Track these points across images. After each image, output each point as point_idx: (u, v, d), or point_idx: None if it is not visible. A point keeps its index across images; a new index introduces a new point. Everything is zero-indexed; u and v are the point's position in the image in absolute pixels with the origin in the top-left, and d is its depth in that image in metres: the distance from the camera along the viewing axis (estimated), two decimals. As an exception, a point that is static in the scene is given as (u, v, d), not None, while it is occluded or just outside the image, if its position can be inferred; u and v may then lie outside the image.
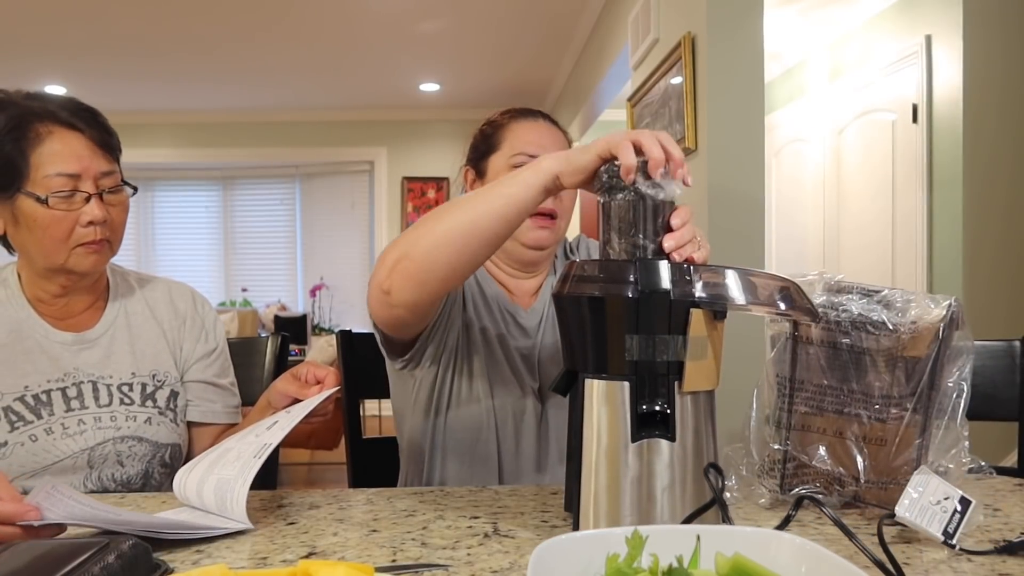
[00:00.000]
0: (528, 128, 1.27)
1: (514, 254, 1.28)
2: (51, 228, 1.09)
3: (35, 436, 1.11)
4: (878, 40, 3.98)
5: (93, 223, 1.10)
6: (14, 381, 1.13)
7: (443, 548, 0.82)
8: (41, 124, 1.09)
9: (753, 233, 2.43)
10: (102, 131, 1.14)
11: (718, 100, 2.45)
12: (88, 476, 1.15)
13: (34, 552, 0.70)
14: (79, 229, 1.10)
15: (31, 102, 1.11)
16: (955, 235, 3.31)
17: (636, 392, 0.78)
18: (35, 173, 1.08)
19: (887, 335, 0.91)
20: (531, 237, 1.24)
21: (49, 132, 1.09)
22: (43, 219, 1.09)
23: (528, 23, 4.59)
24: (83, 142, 1.11)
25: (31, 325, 1.16)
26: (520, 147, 1.25)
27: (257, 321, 6.50)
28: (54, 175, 1.08)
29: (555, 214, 1.24)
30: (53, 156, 1.08)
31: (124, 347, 1.21)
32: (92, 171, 1.11)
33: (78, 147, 1.10)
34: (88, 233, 1.11)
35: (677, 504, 0.79)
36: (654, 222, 0.80)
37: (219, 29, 4.68)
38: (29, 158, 1.08)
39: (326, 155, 6.92)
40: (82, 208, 1.10)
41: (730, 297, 0.78)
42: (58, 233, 1.10)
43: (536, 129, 1.28)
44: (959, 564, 0.77)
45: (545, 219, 1.23)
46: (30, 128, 1.09)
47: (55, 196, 1.08)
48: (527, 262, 1.29)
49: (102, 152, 1.13)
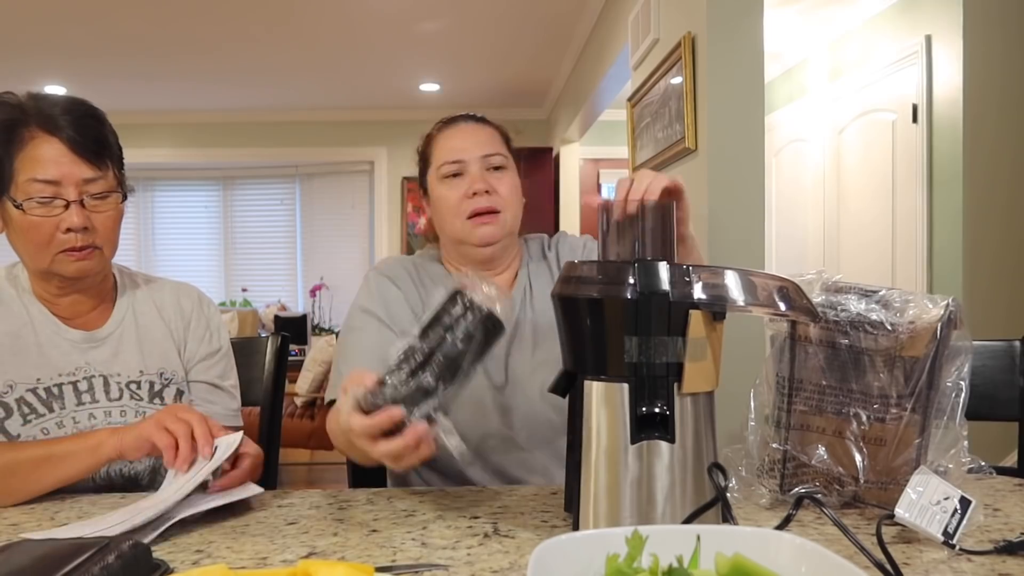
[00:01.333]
0: (449, 136, 1.29)
1: (469, 255, 1.28)
2: (30, 233, 1.10)
3: (47, 430, 1.13)
4: (878, 40, 3.98)
5: (72, 230, 1.10)
6: (27, 373, 1.14)
7: (443, 548, 0.83)
8: (27, 129, 1.09)
9: (753, 233, 2.43)
10: (91, 137, 1.12)
11: (718, 100, 2.45)
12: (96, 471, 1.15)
13: (34, 552, 0.70)
14: (59, 235, 1.10)
15: (29, 102, 1.12)
16: (955, 235, 3.31)
17: (635, 394, 0.78)
18: (18, 177, 1.09)
19: (885, 335, 0.91)
20: (476, 236, 1.24)
21: (32, 137, 1.09)
22: (21, 224, 1.10)
23: (528, 23, 4.59)
24: (63, 149, 1.09)
25: (42, 321, 1.18)
26: (443, 157, 1.26)
27: (257, 321, 6.50)
28: (32, 180, 1.08)
29: (494, 209, 1.24)
30: (33, 162, 1.09)
31: (132, 346, 1.23)
32: (73, 177, 1.10)
33: (57, 154, 1.09)
34: (68, 239, 1.11)
35: (677, 505, 0.79)
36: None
37: (219, 29, 4.68)
38: (14, 162, 1.09)
39: (326, 155, 6.92)
40: (62, 214, 1.10)
41: (729, 298, 0.78)
42: (38, 238, 1.10)
43: (458, 135, 1.28)
44: (959, 564, 0.77)
45: (484, 216, 1.23)
46: (16, 132, 1.09)
47: (32, 202, 1.08)
48: (483, 260, 1.29)
49: (85, 159, 1.11)
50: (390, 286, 1.27)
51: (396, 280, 1.28)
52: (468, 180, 1.24)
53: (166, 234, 7.24)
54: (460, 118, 1.32)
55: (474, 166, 1.24)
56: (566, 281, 0.84)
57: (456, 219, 1.24)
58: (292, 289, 7.20)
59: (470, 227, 1.24)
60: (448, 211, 1.25)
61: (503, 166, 1.27)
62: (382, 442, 0.81)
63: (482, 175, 1.24)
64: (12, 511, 1.01)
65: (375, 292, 1.26)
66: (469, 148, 1.25)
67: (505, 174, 1.27)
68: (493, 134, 1.30)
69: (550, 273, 1.35)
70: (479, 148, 1.26)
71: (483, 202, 1.23)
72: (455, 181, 1.25)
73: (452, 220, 1.25)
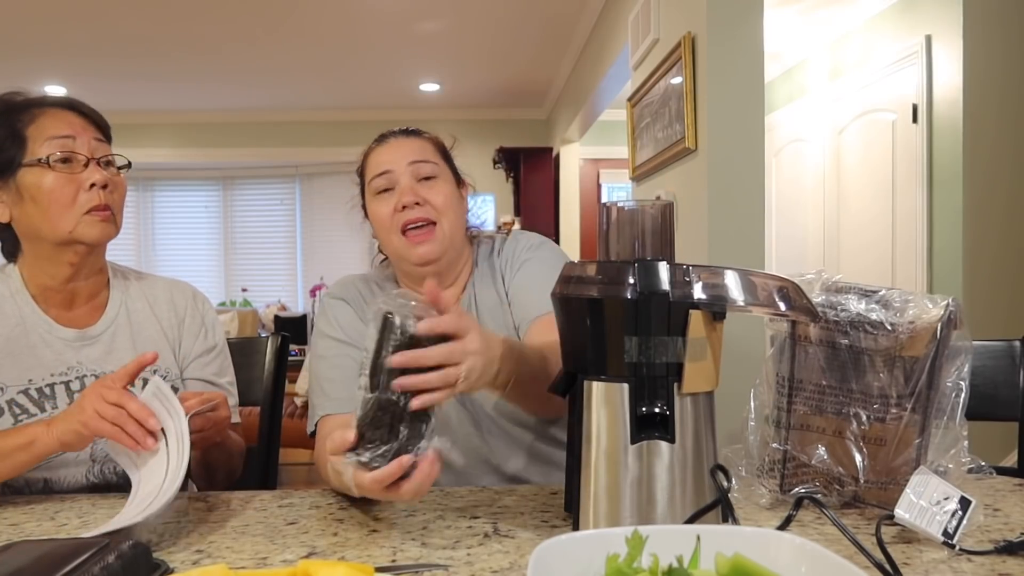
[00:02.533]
0: (377, 152, 1.26)
1: (412, 274, 1.25)
2: (55, 193, 1.12)
3: None
4: (878, 40, 3.98)
5: (95, 185, 1.14)
6: (18, 374, 1.14)
7: (443, 548, 0.83)
8: (38, 108, 1.16)
9: (753, 233, 2.43)
10: (94, 114, 1.20)
11: (718, 100, 2.45)
12: (91, 470, 1.16)
13: (34, 552, 0.70)
14: (83, 194, 1.14)
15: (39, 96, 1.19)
16: (955, 235, 3.31)
17: (635, 394, 0.78)
18: (32, 144, 1.14)
19: (885, 335, 0.91)
20: (415, 255, 1.20)
21: (42, 111, 1.16)
22: (47, 185, 1.12)
23: (528, 23, 4.59)
24: (74, 115, 1.17)
25: (34, 321, 1.18)
26: (372, 171, 1.24)
27: (257, 321, 6.50)
28: (50, 139, 1.13)
29: (427, 220, 1.20)
30: (47, 126, 1.15)
31: (126, 344, 1.22)
32: (86, 135, 1.16)
33: (70, 117, 1.16)
34: (92, 197, 1.14)
35: (677, 505, 0.79)
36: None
37: (219, 30, 4.68)
38: (25, 134, 1.14)
39: (326, 155, 6.92)
40: (82, 172, 1.14)
41: (729, 298, 0.78)
42: (63, 198, 1.13)
43: (386, 149, 1.25)
44: (959, 564, 0.77)
45: (419, 232, 1.19)
46: (24, 111, 1.15)
47: (55, 157, 1.13)
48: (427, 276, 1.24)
49: (93, 127, 1.18)
50: (343, 306, 1.25)
51: (347, 300, 1.26)
52: (398, 193, 1.20)
53: (166, 234, 7.23)
54: (391, 133, 1.29)
55: (404, 178, 1.21)
56: (566, 281, 0.84)
57: (391, 235, 1.21)
58: (292, 289, 7.20)
59: (407, 245, 1.20)
60: (381, 227, 1.22)
61: (434, 175, 1.23)
62: (403, 487, 0.80)
63: (412, 187, 1.20)
64: (12, 511, 1.01)
65: (329, 315, 1.25)
66: (396, 160, 1.22)
67: (436, 183, 1.23)
68: (424, 144, 1.27)
69: (492, 278, 1.29)
70: (406, 158, 1.22)
71: (414, 214, 1.19)
72: (386, 196, 1.21)
73: (388, 236, 1.22)
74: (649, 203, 0.83)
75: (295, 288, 7.20)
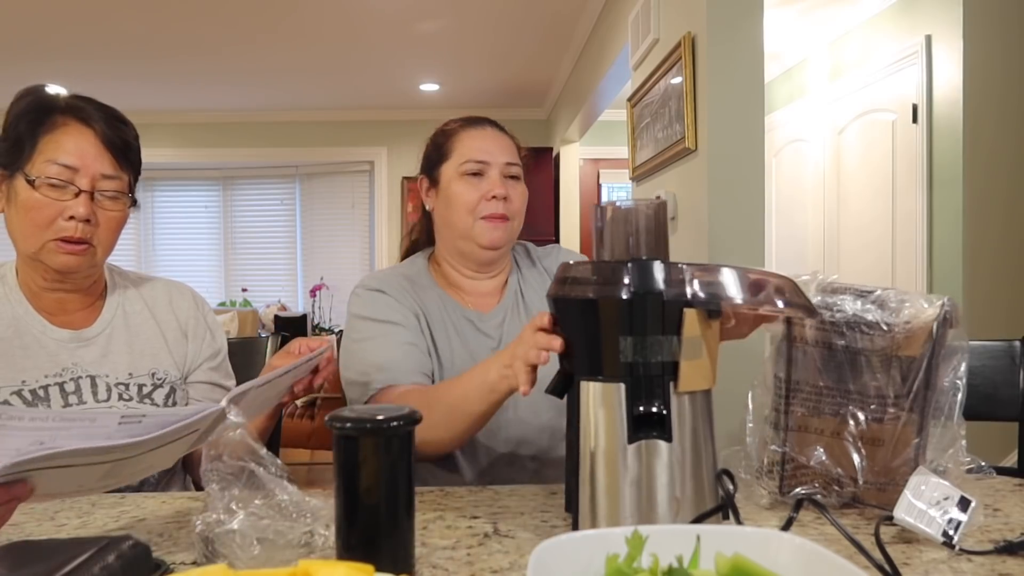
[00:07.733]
0: (475, 136, 1.31)
1: (472, 256, 1.31)
2: (32, 212, 1.10)
3: None
4: (878, 40, 3.98)
5: (75, 219, 1.10)
6: (12, 375, 1.12)
7: (443, 548, 0.83)
8: (60, 115, 1.13)
9: (753, 233, 2.43)
10: (120, 137, 1.16)
11: (718, 100, 2.45)
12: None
13: (34, 552, 0.70)
14: (60, 221, 1.11)
15: (65, 96, 1.15)
16: (955, 235, 3.31)
17: (632, 394, 0.78)
18: (37, 156, 1.11)
19: (881, 335, 0.91)
20: (487, 239, 1.27)
21: (64, 123, 1.12)
22: (27, 201, 1.10)
23: (528, 23, 4.59)
24: (92, 140, 1.13)
25: (29, 321, 1.16)
26: (468, 155, 1.29)
27: (257, 321, 6.50)
28: (51, 162, 1.10)
29: (506, 216, 1.28)
30: (57, 145, 1.11)
31: (122, 346, 1.21)
32: (92, 170, 1.12)
33: (85, 144, 1.12)
34: (67, 228, 1.11)
35: (677, 505, 0.79)
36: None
37: (219, 30, 4.68)
38: (38, 142, 1.11)
39: (326, 155, 6.93)
40: (69, 200, 1.11)
41: (724, 296, 0.78)
42: (39, 219, 1.10)
43: (483, 136, 1.31)
44: (959, 564, 0.77)
45: (498, 220, 1.28)
46: (49, 116, 1.12)
47: (45, 182, 1.10)
48: (485, 263, 1.32)
49: (111, 155, 1.14)
50: (382, 295, 1.29)
51: (385, 290, 1.29)
52: (488, 183, 1.27)
53: (166, 234, 7.24)
54: (484, 121, 1.35)
55: (495, 170, 1.28)
56: (561, 282, 0.84)
57: (470, 216, 1.27)
58: (292, 289, 7.20)
59: (482, 226, 1.27)
60: (463, 207, 1.27)
61: (518, 176, 1.32)
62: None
63: (502, 181, 1.28)
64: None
65: (369, 301, 1.28)
66: (495, 152, 1.29)
67: (519, 185, 1.32)
68: (513, 146, 1.34)
69: (543, 283, 1.37)
70: (503, 155, 1.30)
71: (499, 208, 1.27)
72: (475, 180, 1.28)
73: (465, 217, 1.27)
74: (643, 202, 0.83)
75: (295, 288, 7.20)
